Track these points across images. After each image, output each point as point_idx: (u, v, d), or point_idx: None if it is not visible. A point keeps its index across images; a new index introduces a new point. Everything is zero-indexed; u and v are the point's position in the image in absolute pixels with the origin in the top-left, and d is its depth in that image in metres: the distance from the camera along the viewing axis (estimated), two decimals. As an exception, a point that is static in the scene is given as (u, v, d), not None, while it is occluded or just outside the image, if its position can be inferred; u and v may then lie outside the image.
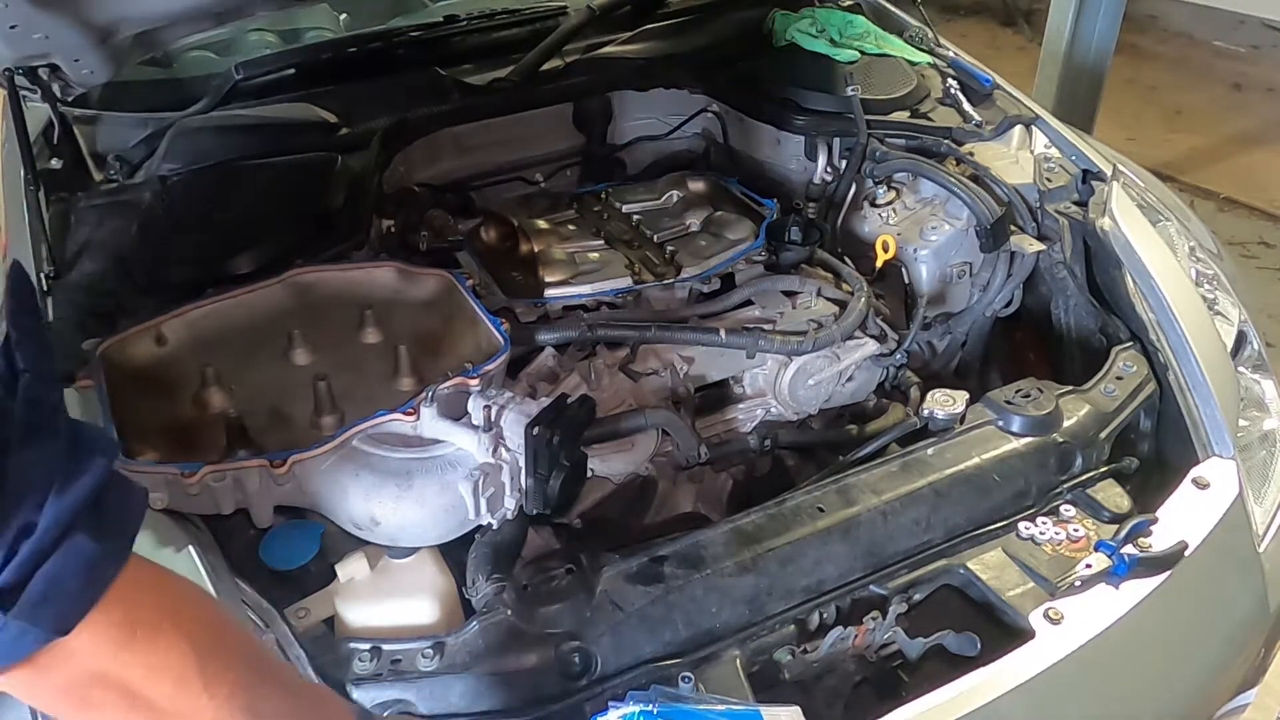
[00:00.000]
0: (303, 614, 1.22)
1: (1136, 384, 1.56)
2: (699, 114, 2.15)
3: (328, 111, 1.87)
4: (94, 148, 1.76)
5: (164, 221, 1.65)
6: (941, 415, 1.50)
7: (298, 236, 1.60)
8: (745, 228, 1.74)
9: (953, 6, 6.47)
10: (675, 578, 1.23)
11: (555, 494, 1.19)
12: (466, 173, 2.00)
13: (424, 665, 1.14)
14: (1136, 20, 5.66)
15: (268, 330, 1.46)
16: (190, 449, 1.27)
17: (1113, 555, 1.30)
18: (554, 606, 1.17)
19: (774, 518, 1.32)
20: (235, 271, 1.53)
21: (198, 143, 1.77)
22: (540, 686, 1.15)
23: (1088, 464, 1.47)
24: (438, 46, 2.06)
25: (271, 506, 1.25)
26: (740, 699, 1.15)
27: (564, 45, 2.04)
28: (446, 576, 1.27)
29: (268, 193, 1.70)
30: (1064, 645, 1.23)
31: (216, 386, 1.36)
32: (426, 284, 1.56)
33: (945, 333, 1.85)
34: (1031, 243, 1.76)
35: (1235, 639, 1.41)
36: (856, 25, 2.12)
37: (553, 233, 1.77)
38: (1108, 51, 4.11)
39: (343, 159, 1.76)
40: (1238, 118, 5.11)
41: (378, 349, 1.46)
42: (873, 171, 1.90)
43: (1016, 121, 1.94)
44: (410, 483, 1.21)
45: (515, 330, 1.46)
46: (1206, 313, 1.67)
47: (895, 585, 1.32)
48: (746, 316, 1.66)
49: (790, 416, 1.69)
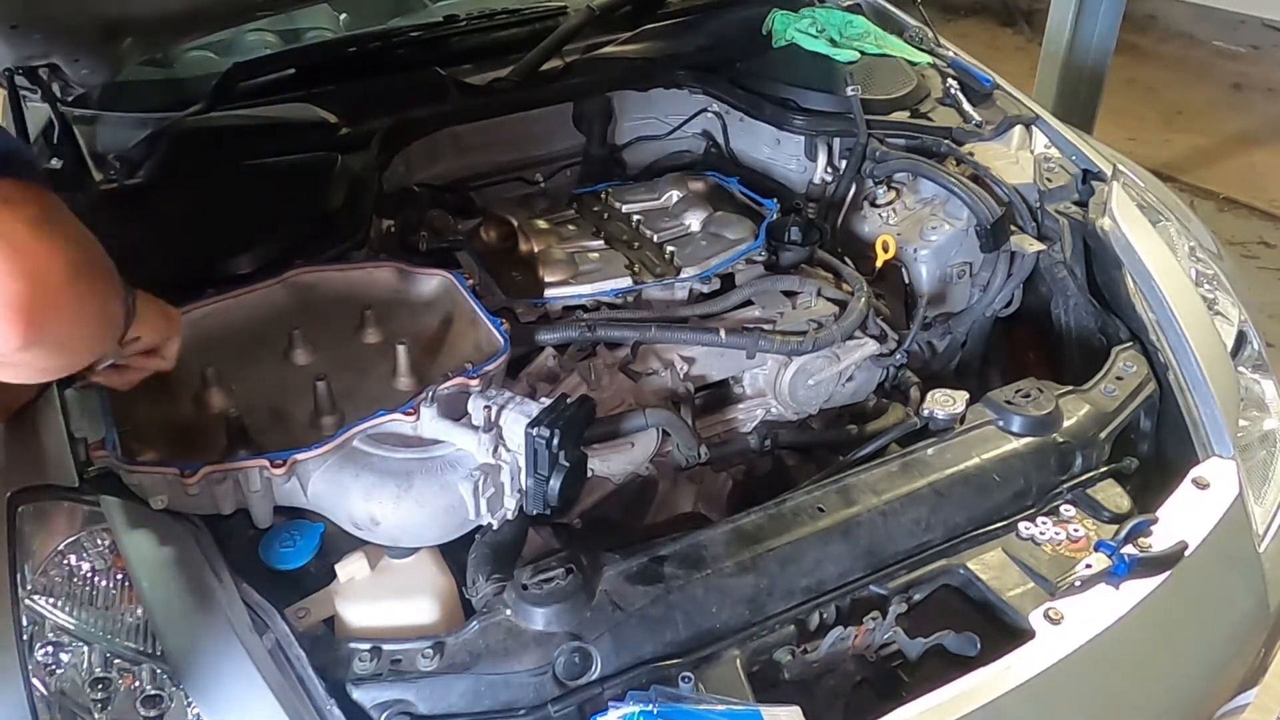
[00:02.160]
0: (303, 614, 1.22)
1: (1136, 384, 1.56)
2: (699, 114, 2.15)
3: (328, 111, 1.87)
4: (94, 148, 1.76)
5: (164, 221, 1.65)
6: (941, 415, 1.50)
7: (298, 236, 1.60)
8: (745, 228, 1.74)
9: (953, 6, 6.48)
10: (675, 578, 1.23)
11: (555, 494, 1.19)
12: (466, 173, 2.00)
13: (424, 665, 1.14)
14: (1136, 20, 5.67)
15: (268, 330, 1.46)
16: (190, 449, 1.27)
17: (1113, 555, 1.30)
18: (554, 606, 1.17)
19: (774, 518, 1.32)
20: (235, 271, 1.53)
21: (198, 143, 1.78)
22: (540, 686, 1.15)
23: (1088, 464, 1.47)
24: (438, 46, 2.06)
25: (271, 506, 1.25)
26: (740, 699, 1.15)
27: (564, 45, 2.05)
28: (446, 576, 1.27)
29: (268, 193, 1.70)
30: (1064, 645, 1.23)
31: (216, 386, 1.36)
32: (426, 284, 1.56)
33: (945, 333, 1.85)
34: (1031, 243, 1.76)
35: (1235, 639, 1.41)
36: (856, 25, 2.12)
37: (553, 233, 1.77)
38: (1108, 51, 4.11)
39: (343, 159, 1.76)
40: (1238, 118, 5.12)
41: (378, 349, 1.46)
42: (873, 171, 1.90)
43: (1016, 121, 1.94)
44: (410, 483, 1.21)
45: (515, 330, 1.46)
46: (1206, 313, 1.67)
47: (895, 585, 1.32)
48: (746, 316, 1.66)
49: (790, 416, 1.69)
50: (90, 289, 0.94)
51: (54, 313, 0.89)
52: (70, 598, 1.17)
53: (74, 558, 1.19)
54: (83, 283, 0.92)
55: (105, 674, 1.12)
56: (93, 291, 0.95)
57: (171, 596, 1.15)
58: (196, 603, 1.14)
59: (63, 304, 0.90)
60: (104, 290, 0.98)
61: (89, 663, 1.13)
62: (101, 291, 0.97)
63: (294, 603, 1.22)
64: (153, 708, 1.09)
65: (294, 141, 1.80)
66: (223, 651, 1.10)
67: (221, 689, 1.08)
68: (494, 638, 1.16)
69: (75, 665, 1.13)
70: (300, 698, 1.10)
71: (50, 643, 1.14)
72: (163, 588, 1.15)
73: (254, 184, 1.72)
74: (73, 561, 1.19)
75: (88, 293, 0.94)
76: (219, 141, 1.79)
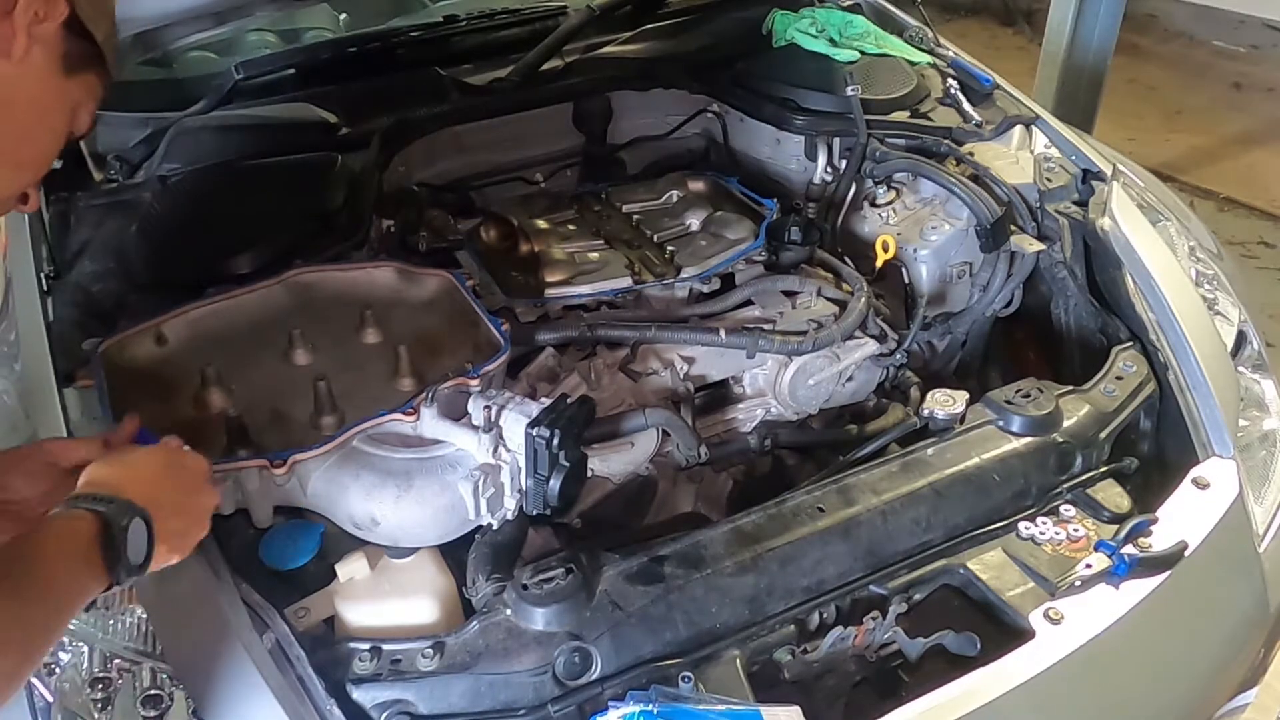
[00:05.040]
0: (303, 614, 1.22)
1: (1136, 384, 1.56)
2: (699, 114, 2.15)
3: (328, 111, 1.87)
4: (94, 148, 1.75)
5: (164, 221, 1.65)
6: (941, 415, 1.50)
7: (298, 236, 1.60)
8: (745, 228, 1.74)
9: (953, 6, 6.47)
10: (675, 578, 1.23)
11: (555, 494, 1.19)
12: (466, 173, 2.00)
13: (424, 665, 1.14)
14: (1136, 20, 5.66)
15: (268, 330, 1.46)
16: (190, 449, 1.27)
17: (1113, 555, 1.30)
18: (554, 606, 1.17)
19: (774, 518, 1.32)
20: (235, 271, 1.53)
21: (198, 143, 1.78)
22: (540, 686, 1.15)
23: (1088, 464, 1.47)
24: (438, 46, 2.06)
25: (271, 506, 1.25)
26: (740, 699, 1.15)
27: (564, 45, 2.04)
28: (446, 576, 1.27)
29: (268, 193, 1.70)
30: (1064, 645, 1.23)
31: (216, 386, 1.36)
32: (426, 284, 1.56)
33: (945, 333, 1.85)
34: (1031, 243, 1.76)
35: (1235, 639, 1.41)
36: (856, 25, 2.12)
37: (553, 233, 1.77)
38: (1108, 51, 4.11)
39: (343, 159, 1.76)
40: (1238, 118, 5.12)
41: (378, 349, 1.46)
42: (873, 171, 1.90)
43: (1016, 121, 1.94)
44: (410, 483, 1.21)
45: (515, 330, 1.46)
46: (1206, 313, 1.67)
47: (895, 585, 1.32)
48: (746, 316, 1.66)
49: (790, 416, 1.69)
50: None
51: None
52: (70, 598, 1.17)
53: (74, 558, 1.19)
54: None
55: (105, 674, 1.12)
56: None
57: (171, 597, 1.15)
58: (196, 603, 1.14)
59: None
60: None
61: (89, 663, 1.13)
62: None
63: (294, 603, 1.22)
64: (153, 708, 1.09)
65: (294, 141, 1.80)
66: (223, 651, 1.10)
67: (221, 689, 1.08)
68: (494, 638, 1.16)
69: (75, 665, 1.13)
70: (300, 698, 1.10)
71: (50, 643, 1.14)
72: (163, 588, 1.15)
73: (254, 184, 1.72)
74: (73, 561, 1.19)
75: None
76: (219, 141, 1.78)
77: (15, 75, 0.98)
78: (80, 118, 1.09)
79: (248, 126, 1.82)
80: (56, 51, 1.02)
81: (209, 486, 1.10)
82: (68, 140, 1.08)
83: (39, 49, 0.99)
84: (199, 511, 1.07)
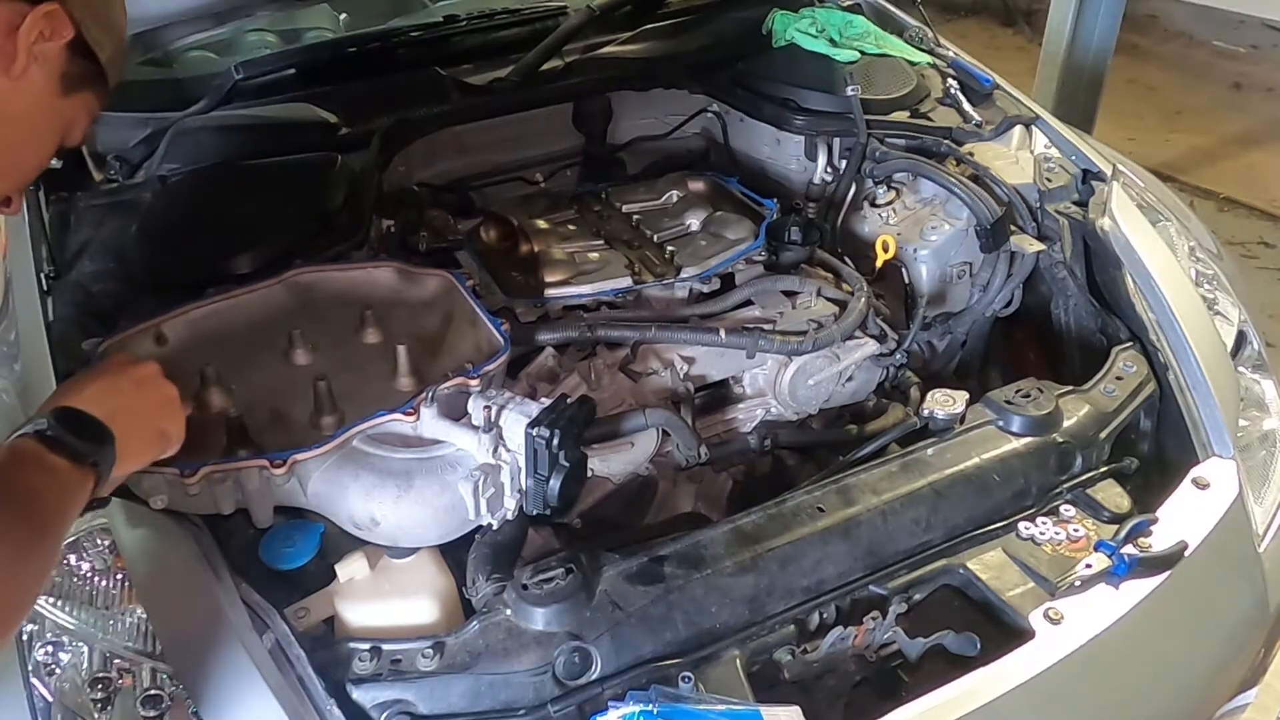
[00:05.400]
0: (303, 614, 1.22)
1: (1136, 384, 1.56)
2: (699, 114, 2.15)
3: (328, 111, 1.87)
4: (94, 148, 1.75)
5: (164, 221, 1.65)
6: (941, 415, 1.49)
7: (298, 236, 1.60)
8: (745, 228, 1.74)
9: (953, 6, 6.48)
10: (675, 578, 1.23)
11: (555, 494, 1.19)
12: (466, 173, 2.00)
13: (424, 665, 1.14)
14: (1136, 20, 5.67)
15: (268, 330, 1.46)
16: (190, 449, 1.27)
17: (1113, 555, 1.30)
18: (554, 606, 1.17)
19: (774, 518, 1.32)
20: (235, 271, 1.53)
21: (198, 143, 1.78)
22: (540, 686, 1.15)
23: (1088, 464, 1.47)
24: (438, 46, 2.06)
25: (271, 506, 1.25)
26: (740, 699, 1.15)
27: (564, 45, 2.04)
28: (446, 576, 1.27)
29: (268, 193, 1.70)
30: (1064, 645, 1.23)
31: (216, 386, 1.35)
32: (426, 284, 1.56)
33: (945, 333, 1.85)
34: (1031, 243, 1.76)
35: (1235, 639, 1.41)
36: (856, 25, 2.12)
37: (553, 233, 1.77)
38: (1108, 51, 4.11)
39: (343, 159, 1.76)
40: (1238, 118, 5.12)
41: (378, 349, 1.46)
42: (873, 171, 1.90)
43: (1016, 121, 1.94)
44: (410, 483, 1.21)
45: (515, 330, 1.46)
46: (1206, 313, 1.67)
47: (895, 585, 1.32)
48: (746, 316, 1.66)
49: (790, 416, 1.69)
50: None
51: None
52: (70, 598, 1.17)
53: (74, 558, 1.19)
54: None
55: (105, 674, 1.12)
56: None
57: (171, 596, 1.15)
58: (196, 603, 1.14)
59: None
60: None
61: (89, 663, 1.13)
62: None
63: (294, 603, 1.22)
64: (153, 708, 1.09)
65: (294, 141, 1.80)
66: (223, 651, 1.10)
67: (221, 689, 1.08)
68: (494, 638, 1.16)
69: (75, 665, 1.13)
70: (300, 698, 1.10)
71: (50, 643, 1.14)
72: (163, 588, 1.15)
73: (254, 184, 1.72)
74: (72, 561, 1.19)
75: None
76: (219, 141, 1.78)
77: (10, 91, 0.98)
78: (73, 133, 1.09)
79: (247, 126, 1.82)
80: (56, 71, 1.01)
81: (160, 379, 1.12)
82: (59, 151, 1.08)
83: (38, 67, 0.99)
84: (159, 400, 1.10)
